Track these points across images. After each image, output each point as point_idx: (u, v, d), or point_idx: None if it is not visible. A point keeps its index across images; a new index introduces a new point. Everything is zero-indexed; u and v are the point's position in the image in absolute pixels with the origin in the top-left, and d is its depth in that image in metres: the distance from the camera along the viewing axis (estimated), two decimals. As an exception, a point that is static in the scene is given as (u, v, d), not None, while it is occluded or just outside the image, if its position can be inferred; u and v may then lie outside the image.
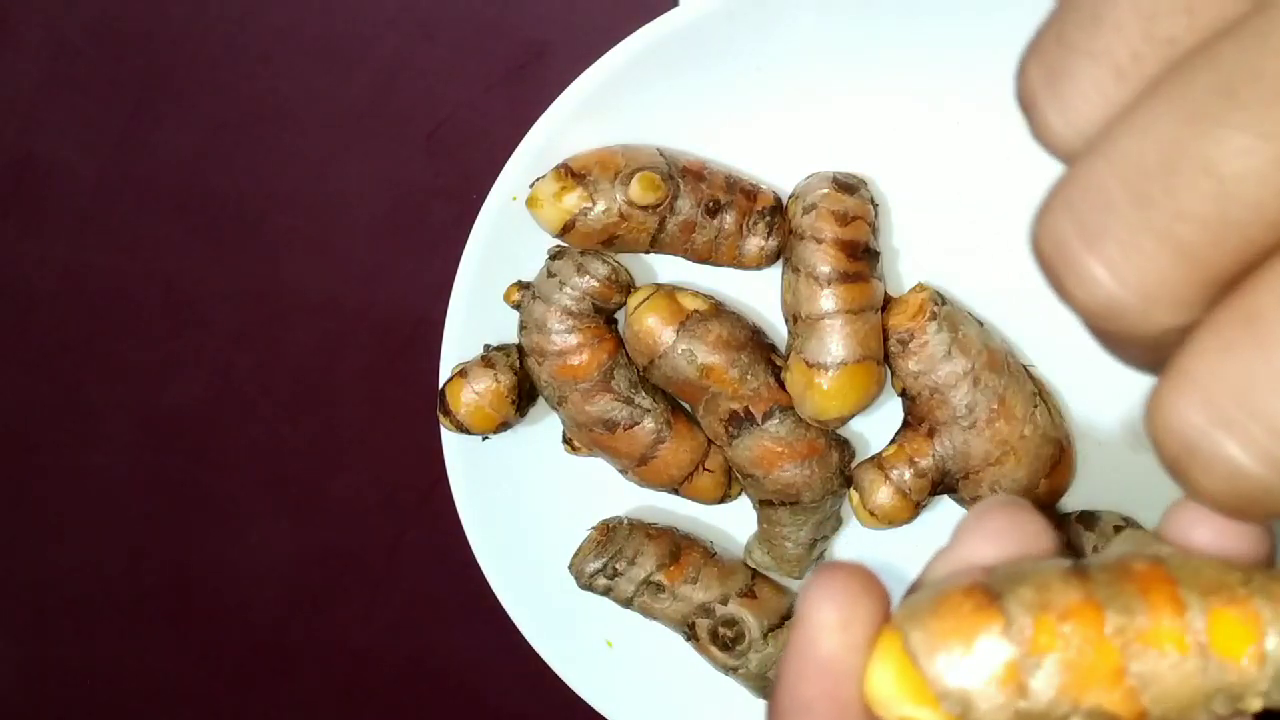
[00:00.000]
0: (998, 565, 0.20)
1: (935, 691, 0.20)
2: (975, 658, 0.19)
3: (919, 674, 0.20)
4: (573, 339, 0.43)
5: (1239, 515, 0.19)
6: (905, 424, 0.43)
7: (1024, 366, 0.42)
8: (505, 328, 0.45)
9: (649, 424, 0.44)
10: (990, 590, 0.20)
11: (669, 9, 0.40)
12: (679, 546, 0.46)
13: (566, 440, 0.46)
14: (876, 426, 0.45)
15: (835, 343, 0.41)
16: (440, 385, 0.45)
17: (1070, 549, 0.45)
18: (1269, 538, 0.21)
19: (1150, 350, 0.19)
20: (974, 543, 0.21)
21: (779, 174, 0.43)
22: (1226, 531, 0.21)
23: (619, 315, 0.44)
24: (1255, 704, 0.19)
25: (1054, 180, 0.19)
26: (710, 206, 0.42)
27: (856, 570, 0.21)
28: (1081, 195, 0.18)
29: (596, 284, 0.42)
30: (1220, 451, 0.18)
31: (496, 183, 0.43)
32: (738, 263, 0.43)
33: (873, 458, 0.43)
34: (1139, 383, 0.20)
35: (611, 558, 0.45)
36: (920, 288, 0.42)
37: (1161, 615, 0.19)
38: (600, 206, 0.41)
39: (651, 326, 0.42)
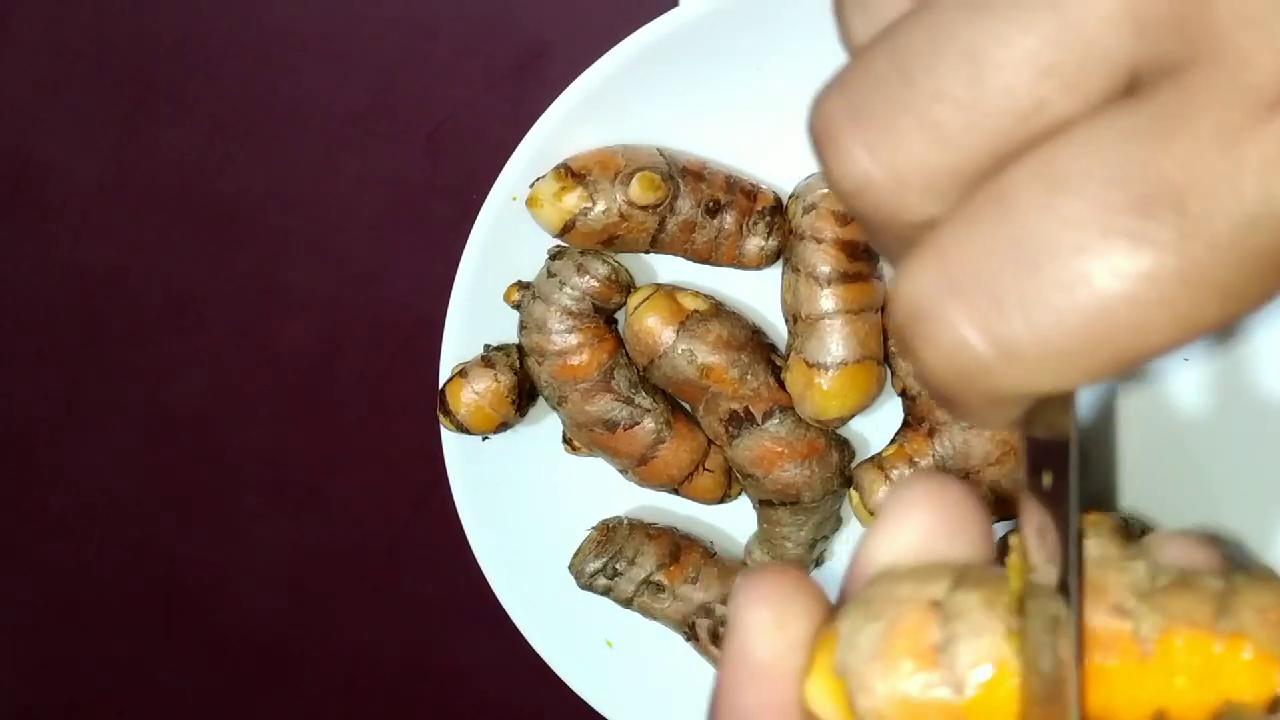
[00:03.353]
0: (948, 601, 0.19)
1: None
2: (916, 712, 0.18)
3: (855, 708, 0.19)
4: (573, 339, 0.43)
5: (959, 399, 0.18)
6: (905, 424, 0.43)
7: (1024, 366, 0.42)
8: (505, 328, 0.45)
9: (649, 424, 0.44)
10: (936, 643, 0.18)
11: (669, 9, 0.40)
12: (679, 546, 0.46)
13: (566, 440, 0.46)
14: (876, 426, 0.45)
15: (835, 343, 0.41)
16: (440, 385, 0.45)
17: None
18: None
19: (904, 244, 0.19)
20: (901, 519, 0.20)
21: (779, 174, 0.43)
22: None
23: (619, 315, 0.44)
24: None
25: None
26: (710, 206, 0.42)
27: (786, 570, 0.21)
28: (855, 75, 0.19)
29: (596, 284, 0.42)
30: (946, 319, 0.17)
31: (496, 183, 0.43)
32: (738, 263, 0.43)
33: (873, 458, 0.43)
34: (1139, 383, 0.19)
35: (611, 558, 0.45)
36: (920, 288, 0.42)
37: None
38: (600, 206, 0.41)
39: (651, 326, 0.42)
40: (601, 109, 0.42)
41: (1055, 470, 0.19)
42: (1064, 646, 0.18)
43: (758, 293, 0.44)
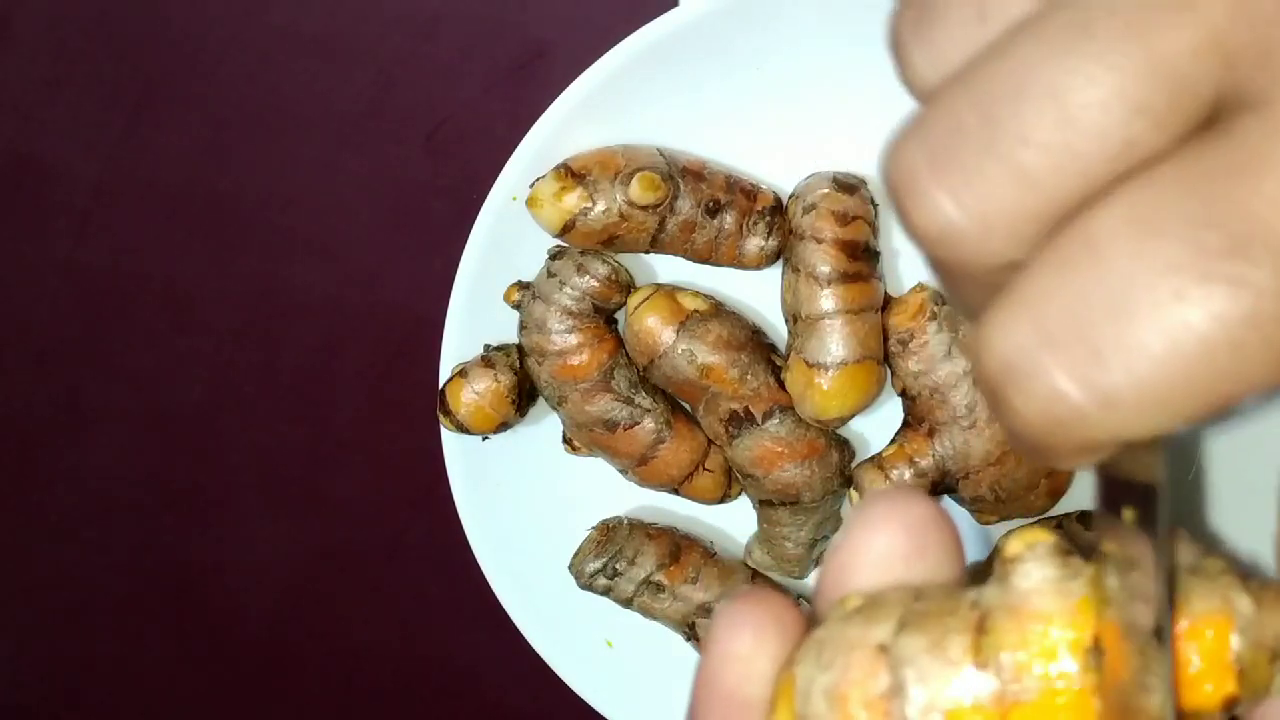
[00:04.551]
0: (894, 645, 0.19)
1: None
2: None
3: None
4: (573, 339, 0.43)
5: (1050, 449, 0.18)
6: (905, 424, 0.43)
7: (1024, 366, 0.42)
8: (505, 328, 0.45)
9: (649, 424, 0.44)
10: (884, 691, 0.18)
11: (669, 9, 0.40)
12: (679, 546, 0.46)
13: (566, 440, 0.46)
14: (876, 426, 0.45)
15: (835, 343, 0.41)
16: (440, 385, 0.45)
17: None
18: None
19: (982, 289, 0.19)
20: (866, 536, 0.20)
21: (779, 174, 0.43)
22: None
23: (619, 315, 0.44)
24: None
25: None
26: (710, 206, 0.42)
27: (772, 598, 0.21)
28: (933, 122, 0.18)
29: (596, 284, 0.42)
30: (1041, 372, 0.17)
31: (496, 183, 0.43)
32: (738, 263, 0.43)
33: (873, 458, 0.43)
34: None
35: (611, 558, 0.45)
36: (920, 287, 0.42)
37: None
38: (600, 206, 0.41)
39: (651, 326, 0.42)
40: (601, 109, 0.42)
41: (1142, 508, 0.19)
42: (1157, 686, 0.18)
43: (758, 293, 0.44)
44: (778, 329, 0.44)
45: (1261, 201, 0.16)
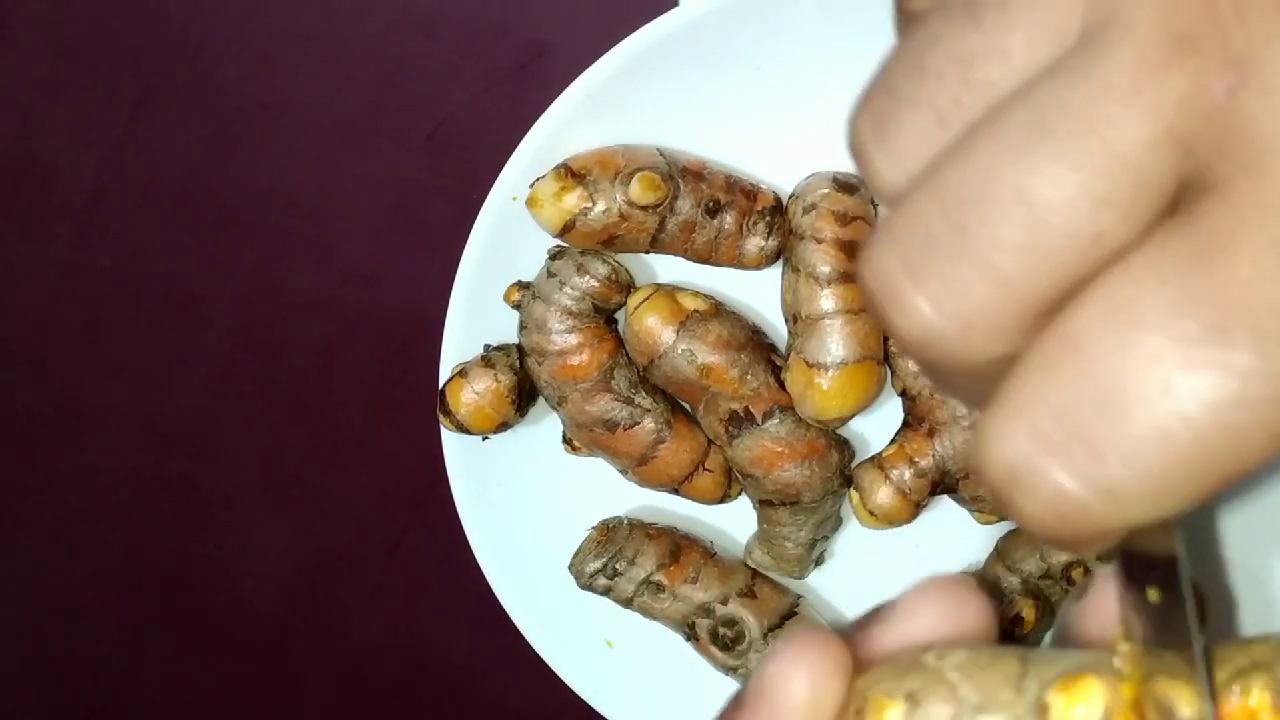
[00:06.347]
0: None
1: None
2: None
3: None
4: (573, 339, 0.43)
5: (1065, 542, 0.18)
6: (905, 424, 0.43)
7: (1024, 366, 0.42)
8: (505, 328, 0.45)
9: (649, 424, 0.44)
10: None
11: (669, 9, 0.40)
12: (679, 546, 0.46)
13: (566, 440, 0.46)
14: (876, 426, 0.45)
15: (835, 343, 0.41)
16: (440, 385, 0.45)
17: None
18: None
19: (976, 382, 0.19)
20: (915, 620, 0.21)
21: (779, 174, 0.43)
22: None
23: (619, 315, 0.44)
24: None
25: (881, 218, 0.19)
26: (710, 206, 0.42)
27: (829, 642, 0.20)
28: (904, 228, 0.18)
29: (596, 284, 0.42)
30: (1044, 476, 0.17)
31: (496, 183, 0.43)
32: (738, 263, 0.43)
33: (873, 458, 0.43)
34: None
35: (611, 558, 0.45)
36: (920, 288, 0.42)
37: None
38: (600, 206, 0.41)
39: (651, 326, 0.42)
40: (601, 109, 0.42)
41: (1164, 583, 0.19)
42: None
43: (758, 293, 0.44)
44: (778, 329, 0.44)
45: (1235, 285, 0.16)
